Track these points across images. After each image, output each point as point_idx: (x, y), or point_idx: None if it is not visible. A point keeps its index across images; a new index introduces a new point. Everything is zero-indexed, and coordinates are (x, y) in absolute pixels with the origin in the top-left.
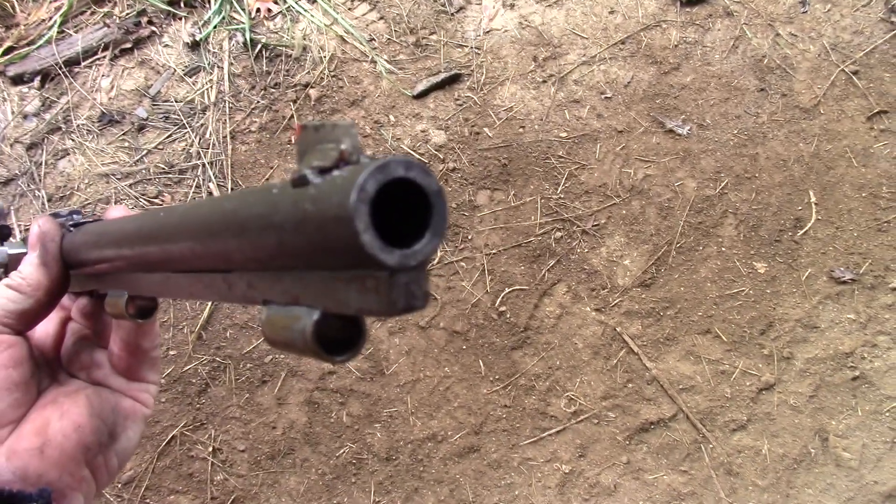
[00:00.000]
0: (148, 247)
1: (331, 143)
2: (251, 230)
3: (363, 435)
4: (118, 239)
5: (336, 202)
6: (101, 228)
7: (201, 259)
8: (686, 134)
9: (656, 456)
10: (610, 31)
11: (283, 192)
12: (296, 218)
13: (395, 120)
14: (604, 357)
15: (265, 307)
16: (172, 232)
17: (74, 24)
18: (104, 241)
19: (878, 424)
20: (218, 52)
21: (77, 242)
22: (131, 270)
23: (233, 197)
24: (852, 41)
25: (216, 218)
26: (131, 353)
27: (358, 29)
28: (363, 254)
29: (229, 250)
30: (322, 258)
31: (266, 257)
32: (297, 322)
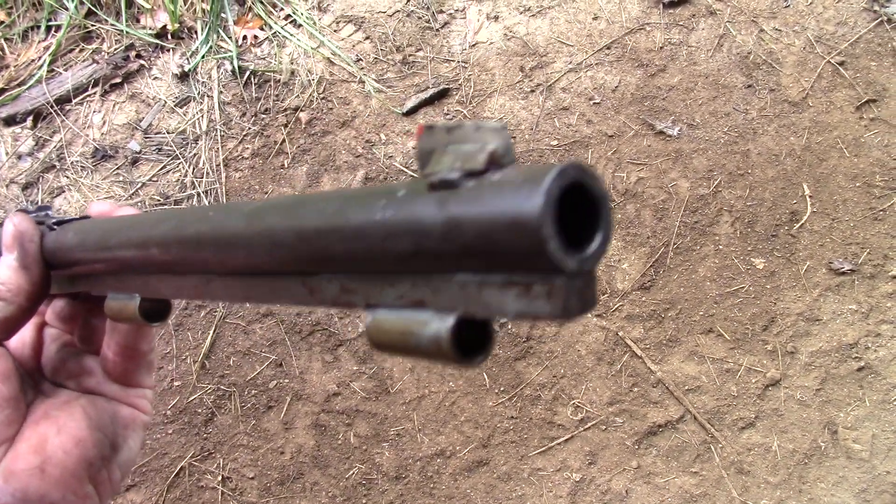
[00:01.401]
0: (198, 252)
1: (470, 145)
2: (372, 235)
3: (371, 455)
4: (145, 241)
5: (514, 206)
6: (112, 228)
7: (271, 263)
8: (676, 135)
9: (666, 459)
10: (594, 37)
11: (416, 194)
12: (446, 222)
13: (387, 138)
14: (608, 362)
15: (369, 311)
16: (240, 236)
17: (64, 63)
18: (121, 243)
19: (887, 414)
20: (207, 82)
21: (70, 242)
22: (158, 272)
23: (330, 199)
24: (836, 32)
25: (314, 222)
26: (129, 358)
27: (344, 50)
28: (543, 259)
29: (328, 255)
30: (472, 262)
31: (387, 261)
32: (425, 326)
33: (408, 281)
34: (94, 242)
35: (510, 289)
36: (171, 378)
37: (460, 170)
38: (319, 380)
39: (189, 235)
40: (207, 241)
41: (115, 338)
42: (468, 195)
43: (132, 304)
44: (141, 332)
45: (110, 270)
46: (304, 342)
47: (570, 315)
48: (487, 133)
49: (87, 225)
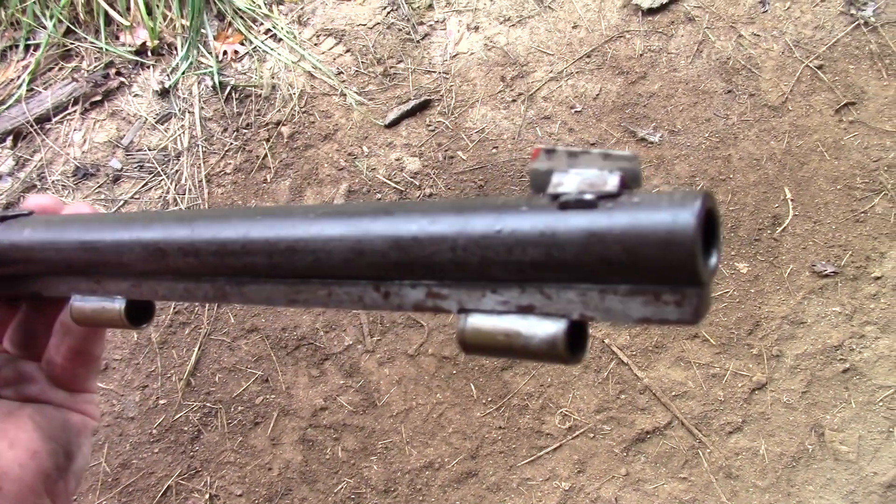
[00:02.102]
0: (239, 257)
1: (597, 171)
2: (496, 246)
3: (360, 469)
4: (160, 243)
5: (667, 224)
6: (99, 226)
7: (343, 269)
8: (658, 141)
9: (655, 465)
10: (574, 45)
11: (546, 210)
12: (588, 237)
13: (369, 150)
14: (594, 370)
15: (462, 315)
16: (307, 241)
17: (43, 82)
18: (121, 244)
19: (873, 415)
20: (188, 98)
21: (27, 240)
22: (163, 275)
23: (431, 208)
24: (814, 36)
25: (422, 230)
26: (81, 363)
27: (325, 63)
28: (686, 271)
29: (428, 262)
30: (604, 273)
31: (505, 270)
32: (536, 330)
33: (515, 288)
34: (75, 242)
35: (636, 297)
36: (156, 396)
37: (595, 191)
38: (306, 394)
39: (228, 240)
40: (257, 245)
41: (67, 342)
42: (611, 214)
43: (114, 306)
44: (97, 335)
45: (84, 270)
46: (290, 357)
47: (699, 319)
48: (618, 160)
49: (51, 222)
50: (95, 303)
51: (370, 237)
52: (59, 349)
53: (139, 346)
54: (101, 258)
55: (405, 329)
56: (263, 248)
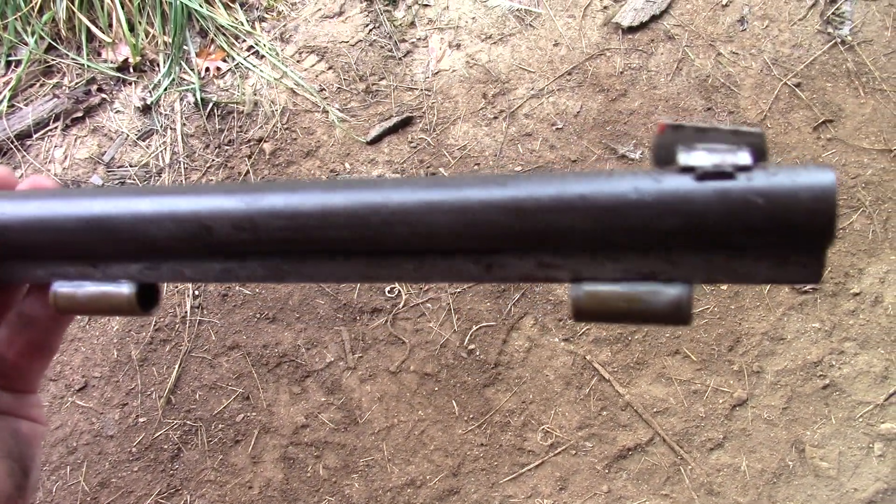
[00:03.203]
0: (325, 230)
1: (726, 145)
2: (630, 214)
3: (341, 487)
4: (215, 215)
5: (811, 190)
6: (120, 202)
7: (449, 240)
8: (639, 158)
9: (636, 482)
10: (556, 63)
11: (679, 180)
12: (727, 205)
13: (351, 167)
14: (576, 387)
15: (576, 283)
16: (411, 212)
17: (24, 98)
18: (165, 217)
19: (853, 431)
20: (170, 114)
21: (21, 216)
22: (215, 255)
23: (560, 178)
24: (792, 55)
25: (542, 199)
26: (38, 358)
27: (308, 80)
28: (825, 234)
29: (546, 231)
30: (737, 240)
31: (634, 238)
32: (659, 295)
33: (637, 255)
34: (72, 219)
35: (763, 260)
36: (136, 414)
37: (731, 164)
38: (287, 412)
39: (303, 213)
40: (340, 219)
41: (26, 335)
42: (752, 182)
43: (121, 291)
44: (63, 326)
45: (79, 252)
46: (271, 374)
47: (819, 279)
48: (745, 136)
49: (28, 196)
50: (93, 288)
51: (484, 207)
52: (12, 343)
53: (119, 364)
54: (112, 237)
55: (387, 346)
56: (349, 221)
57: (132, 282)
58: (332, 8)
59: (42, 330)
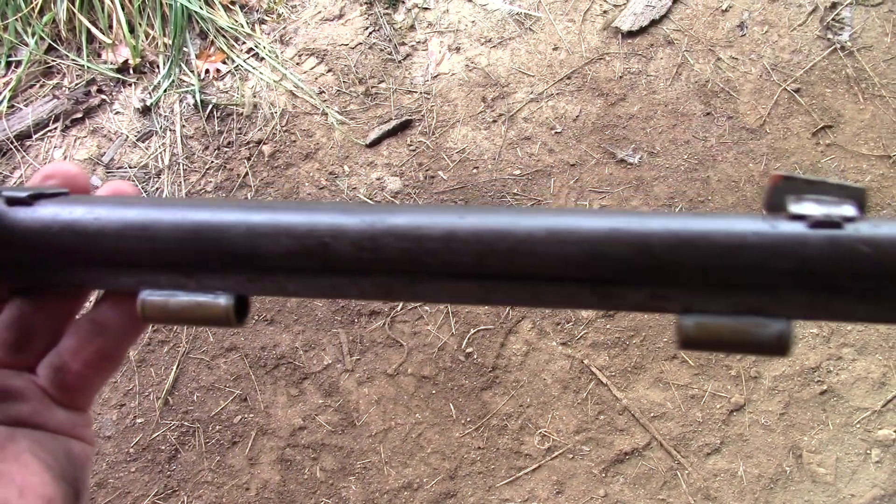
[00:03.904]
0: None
1: (832, 197)
2: (750, 255)
3: (338, 489)
4: (337, 233)
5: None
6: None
7: (567, 270)
8: (637, 162)
9: (633, 486)
10: (555, 67)
11: (794, 227)
12: (836, 251)
13: (350, 170)
14: (573, 391)
15: (685, 314)
16: (536, 242)
17: (24, 98)
18: (280, 232)
19: (850, 437)
20: (169, 116)
21: (101, 224)
22: (322, 272)
23: (682, 218)
24: (792, 60)
25: (668, 237)
26: (103, 370)
27: (307, 83)
28: None
29: (666, 267)
30: (842, 282)
31: (751, 277)
32: (765, 328)
33: (748, 291)
34: (178, 229)
35: (862, 302)
36: (133, 415)
37: (838, 215)
38: (284, 414)
39: (429, 236)
40: (466, 244)
41: (96, 344)
42: (859, 232)
43: (218, 302)
44: (133, 336)
45: (177, 263)
46: (269, 376)
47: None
48: (850, 190)
49: (127, 204)
50: (187, 298)
51: (612, 239)
52: (79, 352)
53: None
54: (219, 249)
55: (384, 348)
56: (474, 247)
57: (229, 293)
58: (331, 11)
59: (113, 339)
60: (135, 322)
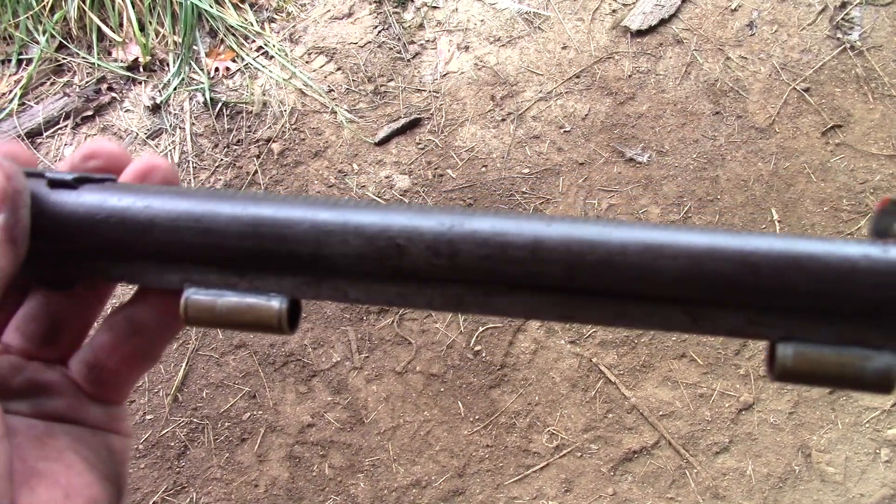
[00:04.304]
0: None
1: None
2: (857, 280)
3: (346, 486)
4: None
5: None
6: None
7: (658, 289)
8: (646, 161)
9: (642, 485)
10: (564, 66)
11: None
12: None
13: (359, 168)
14: (582, 389)
15: (783, 342)
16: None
17: (35, 96)
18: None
19: (859, 436)
20: (179, 114)
21: (152, 214)
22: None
23: (798, 239)
24: (801, 59)
25: (776, 258)
26: (138, 369)
27: (316, 81)
28: None
29: (780, 290)
30: None
31: (856, 303)
32: (869, 361)
33: (854, 321)
34: (236, 222)
35: None
36: (143, 412)
37: None
38: (293, 411)
39: (514, 243)
40: (554, 253)
41: (132, 343)
42: None
43: (270, 305)
44: (170, 335)
45: (230, 260)
46: (278, 373)
47: None
48: None
49: (177, 193)
50: (237, 299)
51: (712, 256)
52: (115, 350)
53: None
54: (280, 247)
55: (393, 346)
56: (562, 257)
57: (284, 296)
58: (341, 9)
59: (150, 338)
60: (174, 321)
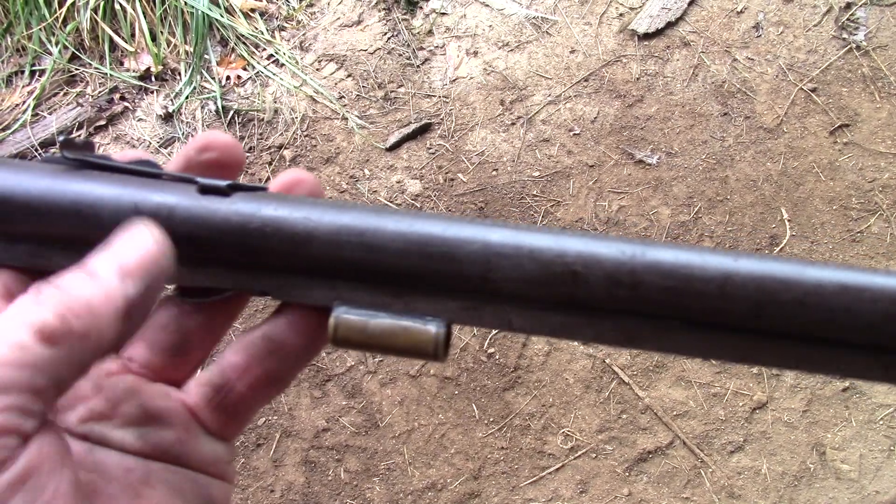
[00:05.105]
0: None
1: None
2: None
3: (362, 490)
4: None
5: None
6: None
7: (854, 335)
8: (656, 163)
9: (657, 485)
10: (572, 69)
11: None
12: None
13: (371, 173)
14: (596, 390)
15: None
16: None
17: (48, 107)
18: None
19: (874, 433)
20: (191, 122)
21: (313, 226)
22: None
23: None
24: (807, 60)
25: None
26: (266, 396)
27: (327, 88)
28: None
29: None
30: None
31: None
32: None
33: None
34: (402, 239)
35: None
36: None
37: None
38: (308, 416)
39: (702, 277)
40: (744, 291)
41: (267, 364)
42: None
43: (428, 329)
44: (309, 358)
45: (389, 279)
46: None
47: None
48: None
49: (341, 207)
50: (391, 321)
51: None
52: (247, 372)
53: None
54: (445, 267)
55: None
56: (752, 294)
57: (441, 320)
58: (350, 17)
59: (287, 360)
60: (314, 343)
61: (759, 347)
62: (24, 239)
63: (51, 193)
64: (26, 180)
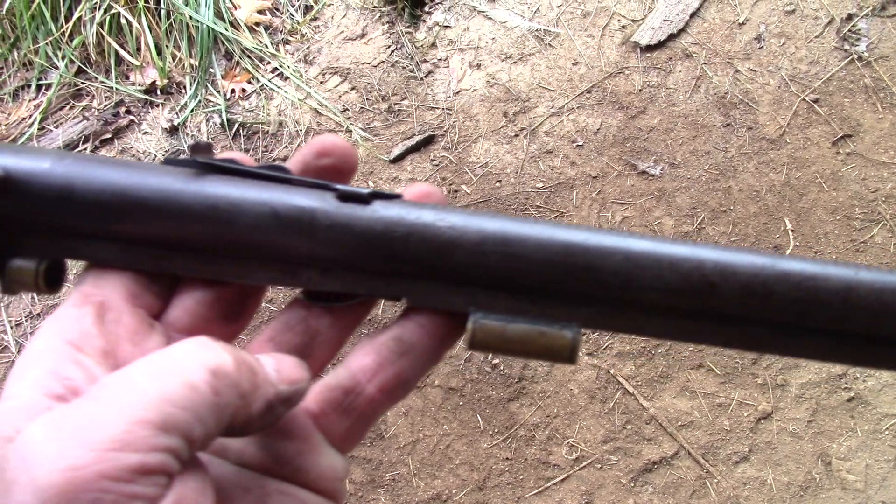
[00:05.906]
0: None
1: None
2: None
3: (368, 501)
4: None
5: None
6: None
7: None
8: (659, 174)
9: (662, 496)
10: (575, 81)
11: None
12: None
13: (375, 185)
14: (600, 400)
15: None
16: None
17: (54, 120)
18: None
19: (879, 443)
20: (196, 135)
21: (469, 235)
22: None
23: None
24: (809, 71)
25: None
26: (393, 400)
27: (331, 101)
28: None
29: None
30: None
31: None
32: None
33: None
34: (562, 251)
35: None
36: None
37: None
38: None
39: (833, 288)
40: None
41: (398, 366)
42: None
43: (564, 334)
44: (436, 360)
45: (535, 287)
46: None
47: None
48: None
49: (509, 220)
50: (528, 327)
51: None
52: (378, 374)
53: None
54: (587, 275)
55: None
56: (871, 306)
57: (575, 326)
58: (354, 30)
59: (416, 362)
60: (444, 344)
61: (861, 352)
62: (148, 242)
63: (184, 196)
64: (156, 182)
